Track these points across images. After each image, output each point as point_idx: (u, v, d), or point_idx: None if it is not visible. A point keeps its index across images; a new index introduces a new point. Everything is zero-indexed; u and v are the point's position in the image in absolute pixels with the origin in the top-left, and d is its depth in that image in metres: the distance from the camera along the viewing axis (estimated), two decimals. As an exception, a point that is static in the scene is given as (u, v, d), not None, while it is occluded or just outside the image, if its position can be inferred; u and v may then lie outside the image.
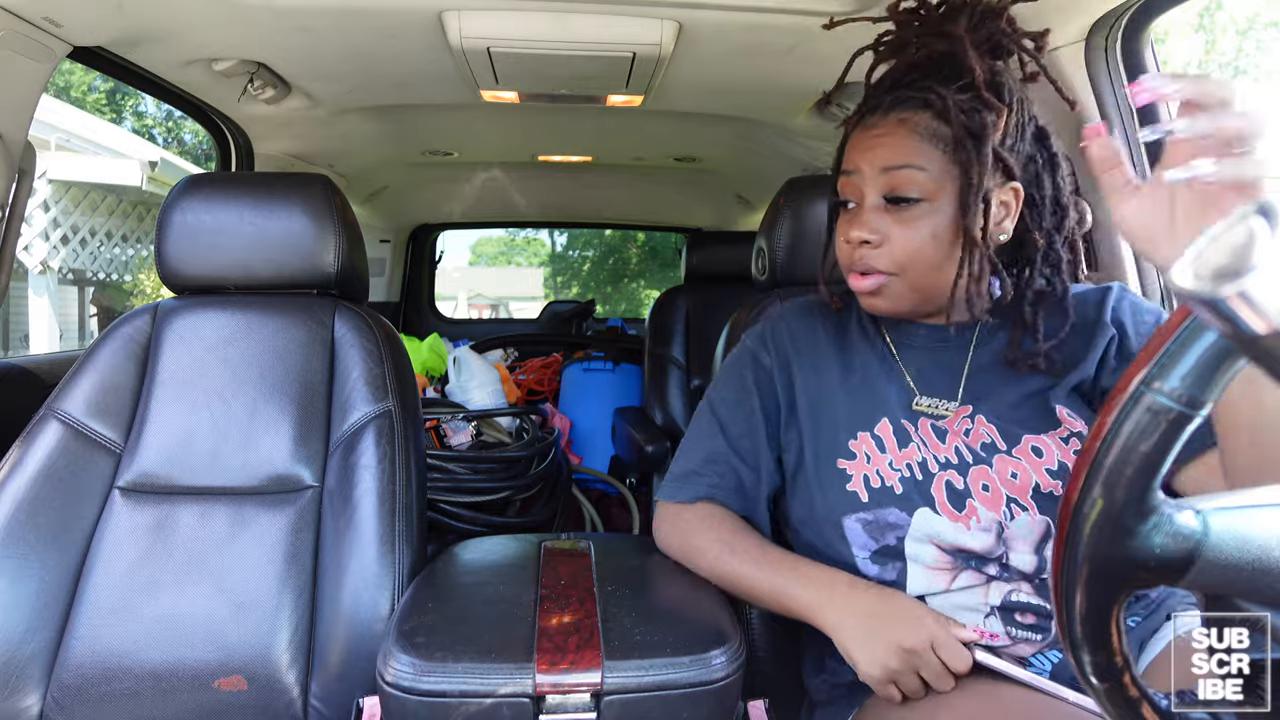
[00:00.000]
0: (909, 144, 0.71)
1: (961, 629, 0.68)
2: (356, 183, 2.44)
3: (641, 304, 11.55)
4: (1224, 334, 0.30)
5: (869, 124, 0.75)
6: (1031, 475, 0.72)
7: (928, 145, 0.71)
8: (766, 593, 0.75)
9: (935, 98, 0.70)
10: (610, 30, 1.22)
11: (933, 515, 0.72)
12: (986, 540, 0.71)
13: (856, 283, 0.76)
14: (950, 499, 0.73)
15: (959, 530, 0.71)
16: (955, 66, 0.72)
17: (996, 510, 0.71)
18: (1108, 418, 0.34)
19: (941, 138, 0.71)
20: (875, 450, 0.76)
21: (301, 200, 1.04)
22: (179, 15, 1.18)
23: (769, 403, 0.84)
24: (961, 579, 0.72)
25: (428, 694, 0.64)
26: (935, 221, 0.71)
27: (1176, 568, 0.35)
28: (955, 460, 0.74)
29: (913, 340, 0.81)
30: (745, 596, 0.78)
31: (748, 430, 0.84)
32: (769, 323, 0.88)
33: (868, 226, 0.73)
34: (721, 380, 0.89)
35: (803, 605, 0.72)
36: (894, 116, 0.73)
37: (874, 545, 0.74)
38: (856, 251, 0.75)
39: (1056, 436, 0.73)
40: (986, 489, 0.72)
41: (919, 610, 0.69)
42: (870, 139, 0.74)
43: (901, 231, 0.72)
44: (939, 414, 0.77)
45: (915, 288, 0.75)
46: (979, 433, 0.75)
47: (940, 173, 0.71)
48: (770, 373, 0.85)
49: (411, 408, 1.03)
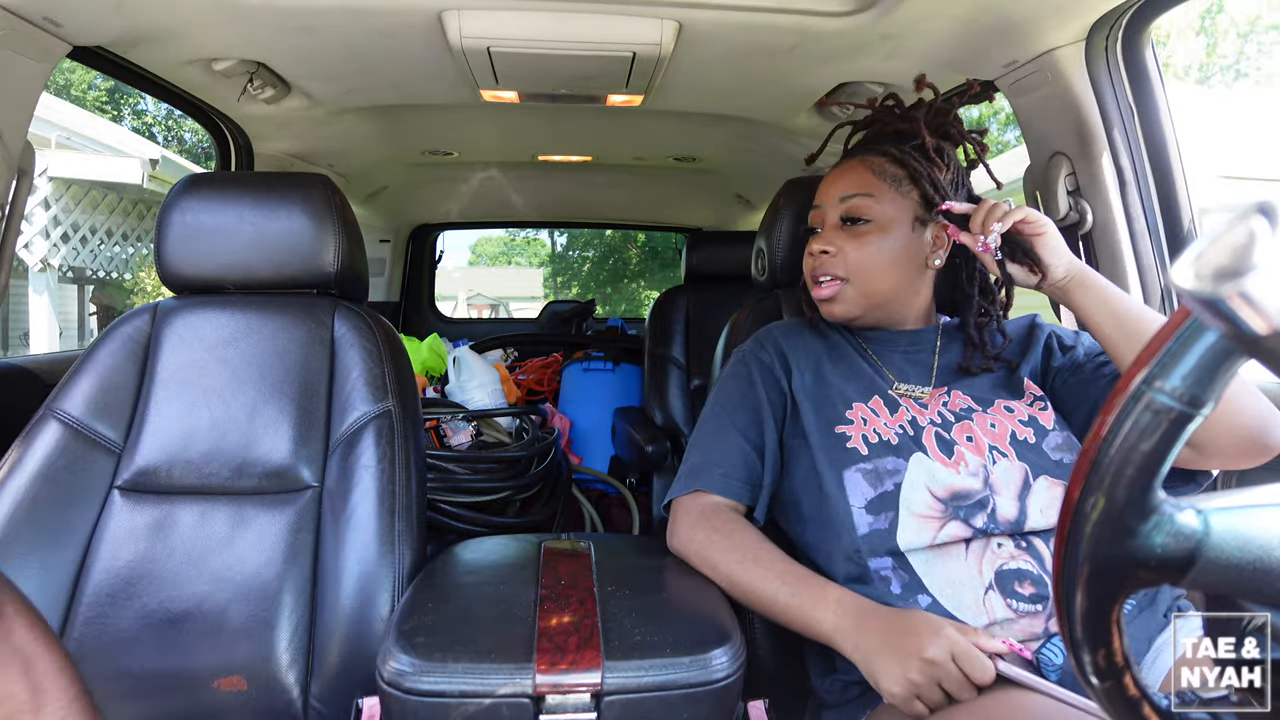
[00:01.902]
0: (864, 176, 0.91)
1: (989, 639, 0.69)
2: (356, 183, 2.44)
3: (641, 304, 11.55)
4: (1224, 334, 0.30)
5: (837, 165, 0.96)
6: (1008, 425, 0.84)
7: (879, 180, 0.90)
8: (783, 608, 0.76)
9: (893, 149, 0.92)
10: (610, 30, 1.23)
11: (927, 460, 0.82)
12: (975, 483, 0.80)
13: (817, 293, 0.92)
14: (940, 447, 0.83)
15: (951, 473, 0.81)
16: (911, 139, 0.93)
17: (981, 455, 0.82)
18: (1108, 417, 0.34)
19: (892, 175, 0.90)
20: (871, 415, 0.87)
21: (301, 200, 1.04)
22: (179, 15, 1.18)
23: (773, 393, 0.92)
24: (948, 529, 0.77)
25: (427, 694, 0.64)
26: (881, 240, 0.89)
27: (1177, 567, 0.35)
28: (939, 420, 0.86)
29: (884, 346, 0.94)
30: (760, 609, 0.79)
31: (754, 421, 0.91)
32: (759, 334, 0.99)
33: (825, 240, 0.91)
34: (721, 385, 0.97)
35: (824, 629, 0.74)
36: (856, 158, 0.94)
37: (871, 493, 0.81)
38: (818, 260, 0.91)
39: (1023, 402, 0.87)
40: (970, 439, 0.84)
41: (938, 622, 0.69)
42: (835, 175, 0.94)
43: (853, 245, 0.90)
44: (918, 395, 0.89)
45: (865, 294, 0.90)
46: (956, 401, 0.88)
47: (888, 203, 0.89)
48: (770, 367, 0.94)
49: (411, 408, 1.03)
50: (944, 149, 0.93)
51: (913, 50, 1.25)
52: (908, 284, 0.91)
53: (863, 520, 0.80)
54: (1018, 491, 0.80)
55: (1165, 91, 1.12)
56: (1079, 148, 1.16)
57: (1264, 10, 9.04)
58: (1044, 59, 1.14)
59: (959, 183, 0.93)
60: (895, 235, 0.89)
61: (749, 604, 0.79)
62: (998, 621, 0.73)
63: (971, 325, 0.92)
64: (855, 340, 0.95)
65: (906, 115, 0.94)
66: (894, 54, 1.27)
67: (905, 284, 0.91)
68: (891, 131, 0.95)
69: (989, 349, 0.91)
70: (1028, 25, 1.10)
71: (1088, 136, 1.15)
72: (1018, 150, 5.84)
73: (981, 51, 1.19)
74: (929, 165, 0.90)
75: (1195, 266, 0.29)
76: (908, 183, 0.90)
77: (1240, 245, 0.28)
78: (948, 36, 1.18)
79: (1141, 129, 1.13)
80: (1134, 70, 1.12)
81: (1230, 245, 0.28)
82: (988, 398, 0.87)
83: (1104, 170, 1.15)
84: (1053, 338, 0.93)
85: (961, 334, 0.94)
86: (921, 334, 0.94)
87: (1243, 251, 0.28)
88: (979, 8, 1.09)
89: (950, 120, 0.94)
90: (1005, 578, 0.75)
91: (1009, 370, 0.91)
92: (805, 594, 0.75)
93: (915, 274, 0.91)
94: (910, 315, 0.94)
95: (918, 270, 0.91)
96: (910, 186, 0.90)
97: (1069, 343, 0.92)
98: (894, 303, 0.92)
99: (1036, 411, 0.86)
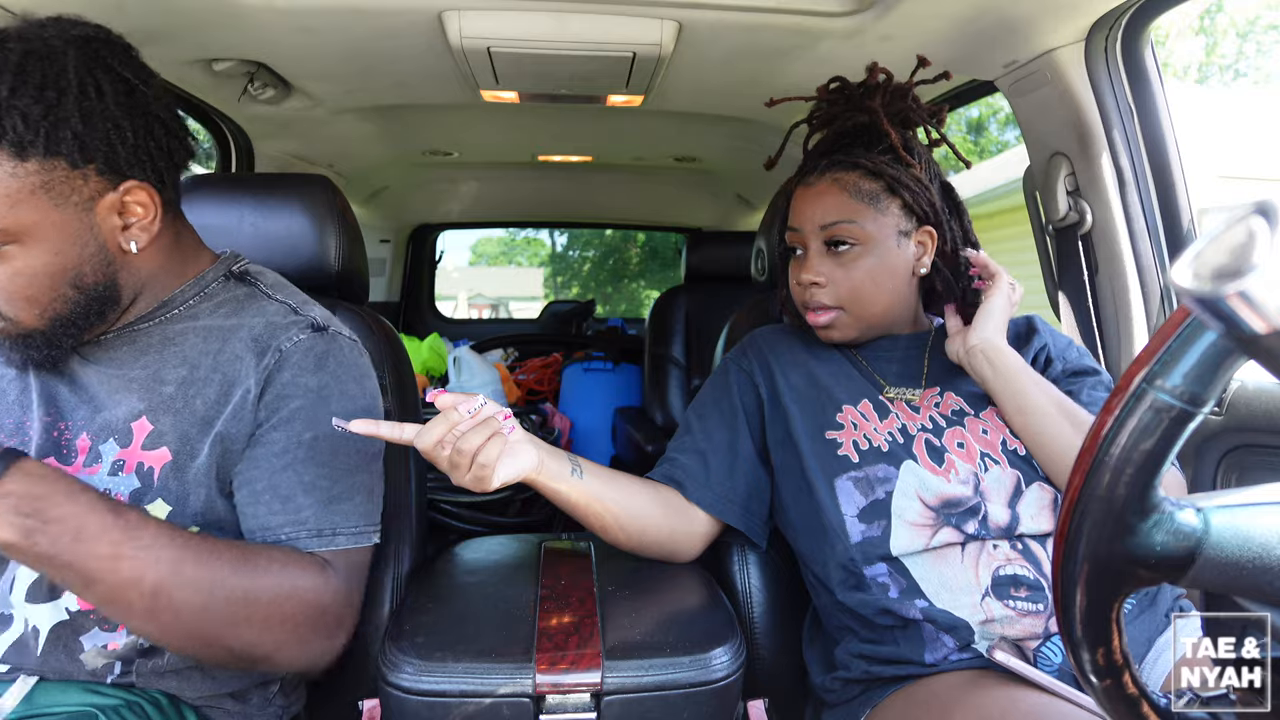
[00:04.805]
0: (841, 200, 0.87)
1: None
2: (356, 183, 2.44)
3: (641, 304, 11.54)
4: (1224, 334, 0.30)
5: (809, 183, 0.90)
6: (999, 433, 0.83)
7: (857, 202, 0.86)
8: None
9: (864, 160, 0.87)
10: (610, 30, 1.23)
11: (918, 468, 0.81)
12: (966, 490, 0.79)
13: (812, 319, 0.90)
14: (930, 455, 0.82)
15: (941, 481, 0.80)
16: (874, 135, 0.89)
17: (972, 462, 0.81)
18: (1109, 416, 0.34)
19: (867, 193, 0.87)
20: (861, 419, 0.86)
21: (301, 200, 1.04)
22: (179, 15, 1.18)
23: (748, 398, 0.93)
24: (941, 535, 0.77)
25: (427, 694, 0.64)
26: (868, 261, 0.87)
27: (1177, 565, 0.35)
28: (930, 425, 0.85)
29: (875, 352, 0.93)
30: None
31: (722, 423, 0.92)
32: (744, 340, 1.00)
33: (813, 270, 0.88)
34: (701, 390, 0.98)
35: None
36: (829, 176, 0.88)
37: (863, 502, 0.81)
38: (807, 291, 0.89)
39: None
40: (961, 446, 0.83)
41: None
42: (810, 197, 0.89)
43: (843, 273, 0.87)
44: (909, 398, 0.88)
45: (860, 318, 0.89)
46: (948, 404, 0.87)
47: (869, 223, 0.86)
48: (750, 372, 0.94)
49: (411, 407, 1.03)
50: (911, 143, 0.90)
51: (912, 50, 1.25)
52: (900, 298, 0.90)
53: (855, 529, 0.80)
54: (1008, 498, 0.79)
55: (1165, 91, 1.12)
56: (1078, 148, 1.16)
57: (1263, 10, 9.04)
58: (1044, 59, 1.14)
59: (932, 174, 0.91)
60: (881, 253, 0.87)
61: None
62: (997, 620, 0.73)
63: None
64: (845, 348, 0.94)
65: (861, 105, 0.90)
66: (893, 54, 1.27)
67: (898, 299, 0.90)
68: (852, 126, 0.91)
69: None
70: (1027, 25, 1.10)
71: (1087, 136, 1.15)
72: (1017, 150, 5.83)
73: (981, 51, 1.19)
74: (903, 169, 0.87)
75: (1194, 266, 0.29)
76: (886, 196, 0.87)
77: (1240, 245, 0.28)
78: (947, 36, 1.18)
79: (1141, 129, 1.13)
80: (1133, 70, 1.12)
81: (1230, 245, 0.29)
82: (980, 400, 0.86)
83: (1103, 170, 1.15)
84: (1042, 351, 0.91)
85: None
86: (913, 339, 0.93)
87: (1242, 251, 0.28)
88: (979, 8, 1.09)
89: (909, 104, 0.91)
90: (1001, 583, 0.75)
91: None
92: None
93: (905, 286, 0.90)
94: (902, 324, 0.93)
95: (906, 282, 0.90)
96: (889, 200, 0.87)
97: (1052, 356, 0.91)
98: (887, 318, 0.91)
99: None
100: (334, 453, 0.75)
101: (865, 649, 0.79)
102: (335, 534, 0.74)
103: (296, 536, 0.72)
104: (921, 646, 0.75)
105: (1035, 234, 1.30)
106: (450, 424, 0.67)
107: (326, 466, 0.74)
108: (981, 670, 0.73)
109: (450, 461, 0.69)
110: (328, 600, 0.71)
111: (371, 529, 0.78)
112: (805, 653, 0.90)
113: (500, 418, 0.70)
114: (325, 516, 0.73)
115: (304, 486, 0.73)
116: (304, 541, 0.72)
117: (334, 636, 0.73)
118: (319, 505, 0.73)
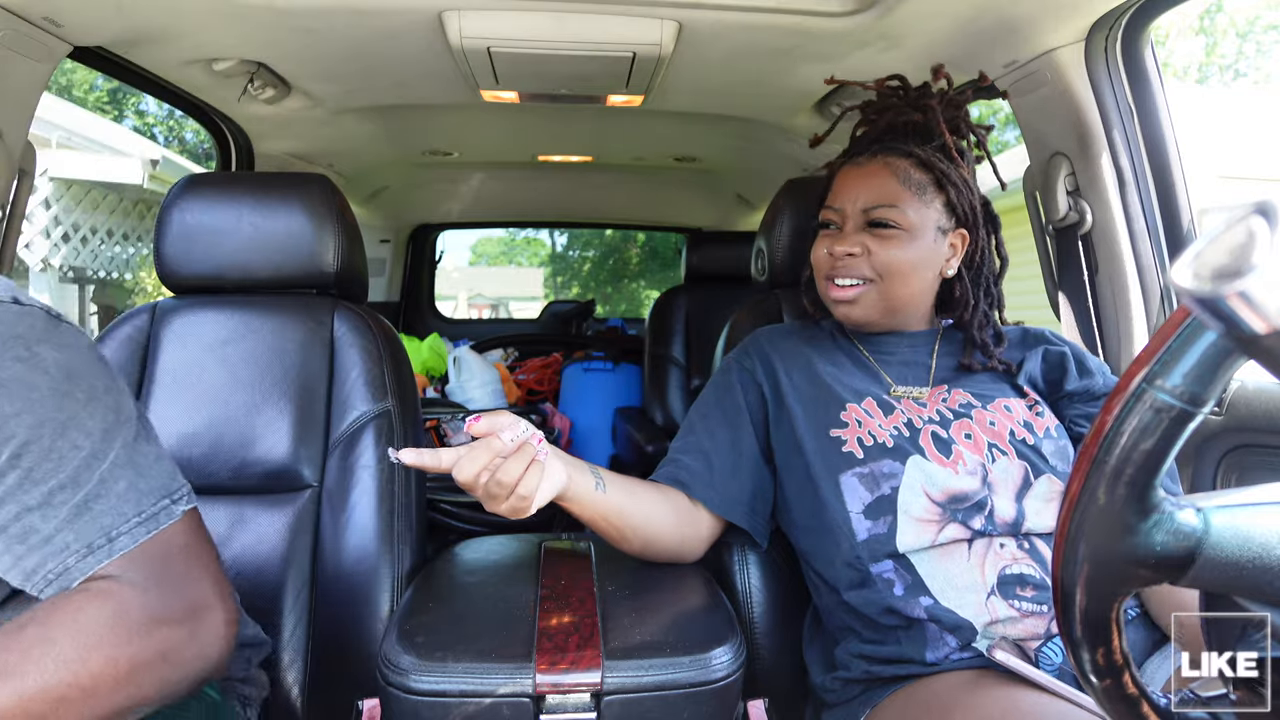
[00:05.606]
0: (890, 186, 0.87)
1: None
2: (356, 183, 2.44)
3: (641, 304, 11.54)
4: (1224, 334, 0.30)
5: (859, 163, 0.90)
6: (1007, 424, 0.84)
7: (905, 189, 0.86)
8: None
9: (918, 151, 0.88)
10: (610, 30, 1.23)
11: (924, 461, 0.81)
12: (973, 483, 0.79)
13: (836, 292, 0.89)
14: (938, 447, 0.82)
15: (949, 474, 0.80)
16: (924, 134, 0.91)
17: (980, 453, 0.81)
18: (1109, 415, 0.34)
19: (916, 183, 0.87)
20: (865, 416, 0.86)
21: (301, 200, 1.04)
22: (179, 15, 1.18)
23: (751, 397, 0.93)
24: (947, 531, 0.77)
25: (427, 694, 0.64)
26: (906, 247, 0.86)
27: (1177, 566, 0.35)
28: (937, 418, 0.85)
29: (883, 347, 0.93)
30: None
31: (725, 423, 0.91)
32: (747, 340, 0.99)
33: (850, 241, 0.87)
34: (704, 391, 0.97)
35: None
36: (881, 159, 0.88)
37: (869, 498, 0.81)
38: (839, 263, 0.88)
39: (1023, 403, 0.87)
40: (969, 437, 0.83)
41: None
42: (858, 174, 0.89)
43: (880, 245, 0.86)
44: (917, 395, 0.89)
45: (886, 296, 0.88)
46: (955, 398, 0.87)
47: (913, 210, 0.86)
48: (753, 371, 0.94)
49: (411, 407, 1.03)
50: (962, 147, 0.92)
51: (912, 50, 1.25)
52: (924, 290, 0.90)
53: (861, 526, 0.80)
54: (1016, 491, 0.79)
55: (1165, 91, 1.12)
56: (1078, 148, 1.16)
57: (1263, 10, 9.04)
58: (1044, 59, 1.14)
59: (974, 180, 0.92)
60: (919, 244, 0.87)
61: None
62: (1001, 620, 0.73)
63: (975, 326, 0.92)
64: (852, 344, 0.95)
65: (918, 104, 0.91)
66: (894, 54, 1.27)
67: (923, 290, 0.90)
68: (904, 123, 0.92)
69: (990, 348, 0.91)
70: (1027, 25, 1.10)
71: (1087, 137, 1.15)
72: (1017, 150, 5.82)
73: (981, 52, 1.19)
74: (954, 167, 0.88)
75: (1194, 266, 0.29)
76: (933, 189, 0.87)
77: (1239, 245, 0.28)
78: (947, 36, 1.18)
79: (1141, 129, 1.13)
80: (1133, 70, 1.12)
81: (1229, 245, 0.28)
82: (988, 394, 0.87)
83: (1103, 170, 1.15)
84: (1068, 357, 0.91)
85: (960, 335, 0.94)
86: (921, 336, 0.94)
87: (1242, 251, 0.28)
88: (979, 8, 1.09)
89: (962, 115, 0.92)
90: (1007, 582, 0.75)
91: (1008, 372, 0.91)
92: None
93: (931, 282, 0.90)
94: (916, 319, 0.93)
95: (933, 278, 0.90)
96: (935, 194, 0.87)
97: (1091, 368, 0.90)
98: (908, 308, 0.90)
99: (1034, 416, 0.86)
100: (49, 452, 0.56)
101: (866, 649, 0.79)
102: (111, 539, 0.57)
103: (66, 566, 0.56)
104: (924, 646, 0.75)
105: (1035, 234, 1.30)
106: (493, 453, 0.65)
107: (52, 471, 0.56)
108: (982, 670, 0.73)
109: (488, 491, 0.66)
110: (139, 618, 0.55)
111: (159, 507, 0.60)
112: (805, 652, 0.90)
113: (535, 441, 0.67)
114: (85, 526, 0.56)
115: (37, 509, 0.55)
116: (77, 568, 0.56)
117: (195, 637, 0.58)
118: (69, 519, 0.56)
